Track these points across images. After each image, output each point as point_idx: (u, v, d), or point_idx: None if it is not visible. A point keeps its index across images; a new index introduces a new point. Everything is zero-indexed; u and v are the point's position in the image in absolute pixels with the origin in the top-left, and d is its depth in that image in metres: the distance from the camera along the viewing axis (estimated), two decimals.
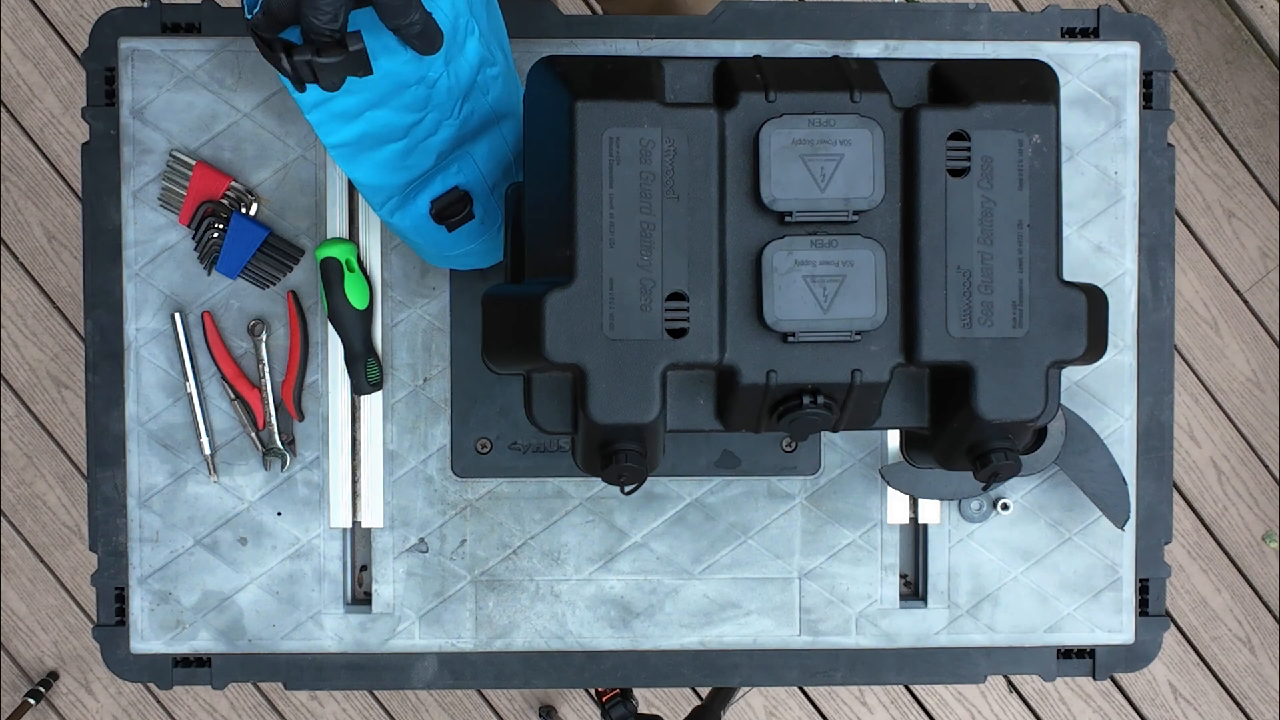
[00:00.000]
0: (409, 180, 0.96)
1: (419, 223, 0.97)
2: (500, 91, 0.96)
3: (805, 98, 0.78)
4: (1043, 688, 2.10)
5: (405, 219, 0.97)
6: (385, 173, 0.95)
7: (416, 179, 0.96)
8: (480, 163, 0.96)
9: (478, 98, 0.94)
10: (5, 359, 2.02)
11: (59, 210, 2.01)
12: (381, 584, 1.08)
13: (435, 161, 0.96)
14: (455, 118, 0.94)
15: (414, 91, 0.89)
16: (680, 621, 1.09)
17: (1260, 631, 2.11)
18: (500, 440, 1.07)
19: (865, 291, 0.77)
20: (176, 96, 1.06)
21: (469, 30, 0.90)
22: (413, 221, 0.97)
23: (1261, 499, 2.10)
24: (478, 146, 0.96)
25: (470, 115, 0.95)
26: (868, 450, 1.09)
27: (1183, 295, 2.08)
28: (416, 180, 0.96)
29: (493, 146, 0.97)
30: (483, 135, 0.96)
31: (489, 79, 0.94)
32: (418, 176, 0.96)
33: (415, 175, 0.96)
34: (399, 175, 0.96)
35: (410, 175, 0.96)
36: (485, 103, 0.95)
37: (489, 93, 0.95)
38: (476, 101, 0.94)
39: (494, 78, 0.94)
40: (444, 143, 0.95)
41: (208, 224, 1.05)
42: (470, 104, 0.94)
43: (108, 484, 1.07)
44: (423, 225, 0.97)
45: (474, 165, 0.96)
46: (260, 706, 2.05)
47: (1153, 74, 1.09)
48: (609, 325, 0.76)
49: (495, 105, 0.96)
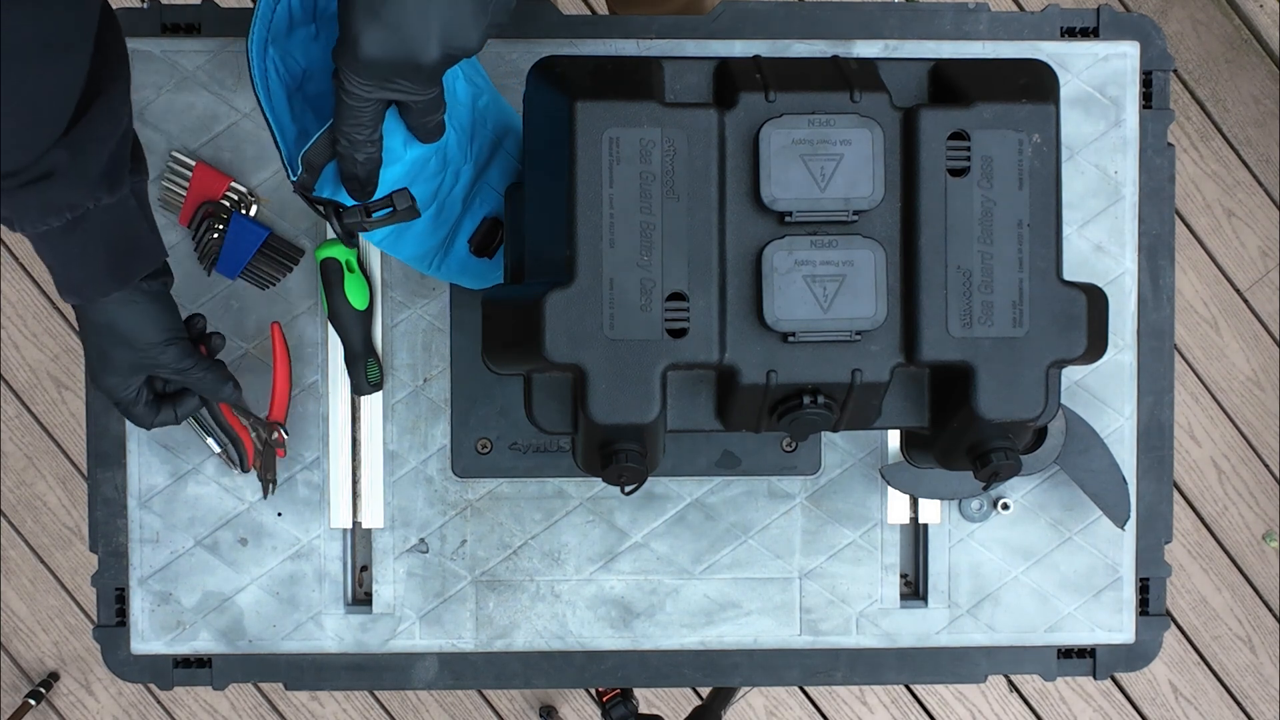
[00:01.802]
0: (442, 239, 0.98)
1: (463, 264, 1.00)
2: (495, 115, 0.97)
3: (805, 98, 0.78)
4: (1043, 687, 2.10)
5: (451, 266, 1.00)
6: (425, 239, 0.97)
7: (448, 234, 0.98)
8: (497, 187, 0.98)
9: (480, 132, 0.96)
10: (5, 359, 2.02)
11: None
12: (382, 584, 1.08)
13: (463, 207, 0.98)
14: (469, 161, 0.96)
15: (433, 161, 0.90)
16: (681, 621, 1.09)
17: (1260, 631, 2.11)
18: (500, 440, 1.07)
19: (865, 291, 0.77)
20: (176, 97, 1.06)
21: (454, 74, 0.90)
22: (458, 265, 1.00)
23: (1262, 498, 2.10)
24: (490, 173, 0.98)
25: (480, 151, 0.97)
26: (868, 450, 1.09)
27: (1183, 295, 2.08)
28: (448, 235, 0.99)
29: (503, 167, 0.99)
30: (492, 161, 0.97)
31: (483, 109, 0.96)
32: (448, 231, 0.98)
33: (446, 231, 0.98)
34: (437, 235, 0.98)
35: (446, 230, 0.98)
36: (487, 132, 0.97)
37: (487, 122, 0.96)
38: (480, 136, 0.96)
39: (486, 105, 0.96)
40: (466, 187, 0.97)
41: (207, 225, 1.05)
42: (476, 141, 0.96)
43: (108, 485, 1.07)
44: (467, 264, 1.00)
45: (493, 192, 0.98)
46: (261, 707, 2.05)
47: (1152, 73, 1.09)
48: (609, 325, 0.76)
49: (495, 130, 0.97)
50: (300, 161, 0.86)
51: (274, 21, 0.88)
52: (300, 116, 0.89)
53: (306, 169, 0.86)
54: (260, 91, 0.88)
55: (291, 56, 0.89)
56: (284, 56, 0.88)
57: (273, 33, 0.88)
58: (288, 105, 0.89)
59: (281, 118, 0.88)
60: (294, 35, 0.89)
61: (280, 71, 0.88)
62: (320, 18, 0.90)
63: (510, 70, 1.06)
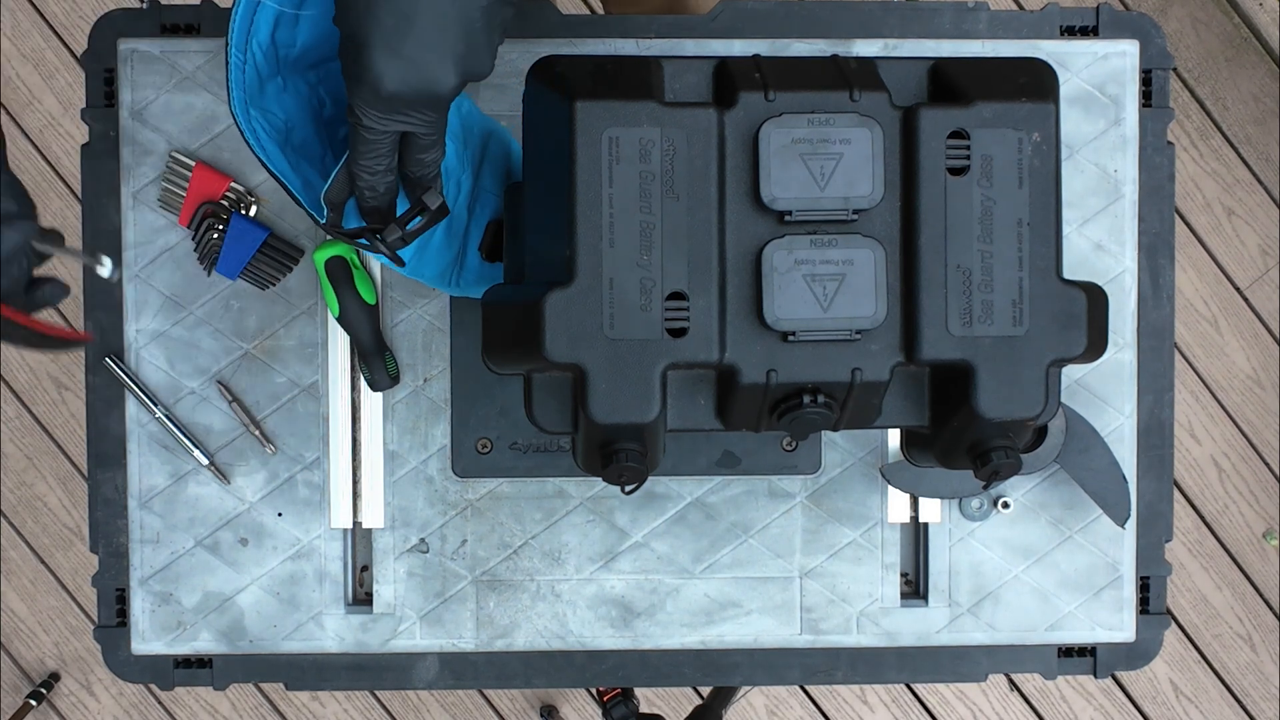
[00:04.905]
0: (457, 252, 0.99)
1: (479, 273, 1.01)
2: (478, 120, 0.98)
3: (804, 97, 0.78)
4: (1044, 686, 2.10)
5: (468, 277, 1.00)
6: (443, 255, 0.98)
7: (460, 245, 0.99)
8: (494, 190, 0.99)
9: (470, 139, 0.97)
10: (5, 360, 2.02)
11: (59, 212, 2.01)
12: (382, 584, 1.08)
13: (468, 215, 0.99)
14: (466, 169, 0.97)
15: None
16: (681, 621, 1.09)
17: (1261, 629, 2.11)
18: (500, 440, 1.07)
19: (865, 290, 0.77)
20: (176, 97, 1.06)
21: None
22: (474, 275, 1.01)
23: (1262, 496, 2.10)
24: (484, 177, 0.99)
25: (472, 158, 0.98)
26: (868, 449, 1.09)
27: (1183, 293, 2.08)
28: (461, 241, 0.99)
29: (493, 169, 1.00)
30: (484, 165, 0.98)
31: (467, 115, 0.96)
32: (461, 243, 0.99)
33: (460, 242, 0.99)
34: (451, 248, 0.99)
35: (458, 245, 0.99)
36: (475, 138, 0.98)
37: (474, 128, 0.97)
38: (471, 143, 0.97)
39: (470, 111, 0.97)
40: (467, 195, 0.98)
41: (207, 225, 1.05)
42: (468, 149, 0.97)
43: (108, 485, 1.07)
44: (483, 271, 1.00)
45: (491, 196, 0.99)
46: (261, 707, 2.05)
47: (1152, 72, 1.09)
48: (609, 325, 0.76)
49: (480, 135, 0.98)
50: (323, 202, 0.88)
51: (246, 83, 0.89)
52: (297, 166, 0.91)
53: (330, 208, 0.88)
54: (259, 152, 0.89)
55: (270, 112, 0.90)
56: (265, 114, 0.90)
57: (248, 93, 0.89)
58: (284, 159, 0.90)
59: (285, 171, 0.90)
60: (266, 91, 0.90)
61: (267, 129, 0.90)
62: (283, 67, 0.91)
63: (510, 70, 1.06)
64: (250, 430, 1.07)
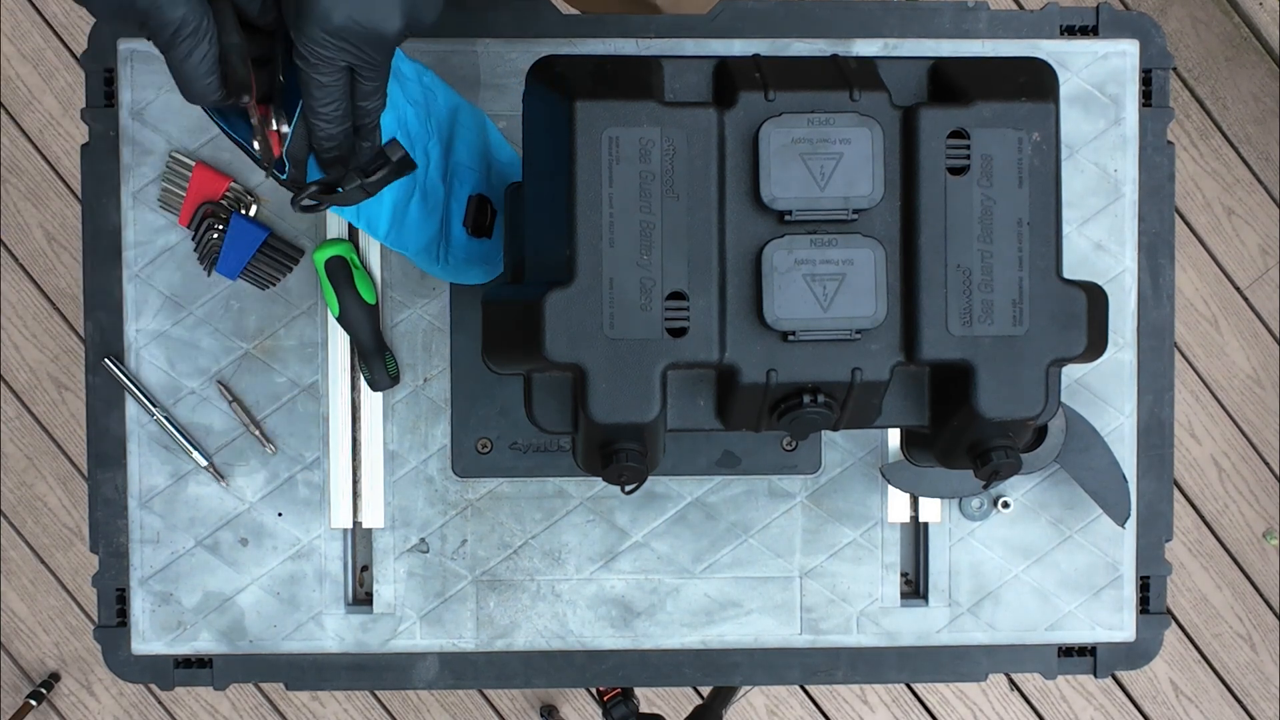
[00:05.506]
0: (438, 225, 0.98)
1: (466, 250, 1.00)
2: (442, 90, 0.97)
3: (804, 96, 0.78)
4: (1044, 686, 2.10)
5: (456, 255, 0.99)
6: (423, 229, 0.97)
7: (441, 219, 0.98)
8: (472, 165, 0.98)
9: (433, 103, 0.96)
10: (5, 360, 2.02)
11: (59, 212, 2.01)
12: (382, 584, 1.08)
13: (445, 189, 0.98)
14: (433, 136, 0.95)
15: (398, 134, 0.90)
16: (681, 621, 1.09)
17: (1261, 629, 2.11)
18: (500, 440, 1.07)
19: (865, 290, 0.77)
20: (175, 97, 1.06)
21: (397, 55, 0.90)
22: (462, 252, 1.00)
23: (1262, 496, 2.10)
24: (458, 151, 0.97)
25: (440, 124, 0.96)
26: (868, 449, 1.09)
27: (1183, 293, 2.08)
28: (442, 221, 0.98)
29: (467, 143, 0.98)
30: (455, 138, 0.97)
31: (430, 85, 0.95)
32: (441, 215, 0.98)
33: (439, 215, 0.98)
34: (432, 222, 0.97)
35: (437, 217, 0.98)
36: (439, 104, 0.96)
37: (438, 97, 0.96)
38: (433, 107, 0.96)
39: (432, 81, 0.96)
40: (439, 165, 0.96)
41: (207, 225, 1.05)
42: (433, 116, 0.95)
43: (108, 485, 1.07)
44: (470, 249, 1.00)
45: (469, 171, 0.98)
46: (262, 707, 2.05)
47: (1152, 71, 1.09)
48: (609, 325, 0.76)
49: (445, 102, 0.97)
50: (286, 158, 0.86)
51: None
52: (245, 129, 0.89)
53: (293, 164, 0.85)
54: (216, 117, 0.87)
55: None
56: None
57: None
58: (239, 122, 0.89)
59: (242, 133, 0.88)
60: None
61: None
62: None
63: (510, 70, 1.06)
64: (250, 430, 1.07)
